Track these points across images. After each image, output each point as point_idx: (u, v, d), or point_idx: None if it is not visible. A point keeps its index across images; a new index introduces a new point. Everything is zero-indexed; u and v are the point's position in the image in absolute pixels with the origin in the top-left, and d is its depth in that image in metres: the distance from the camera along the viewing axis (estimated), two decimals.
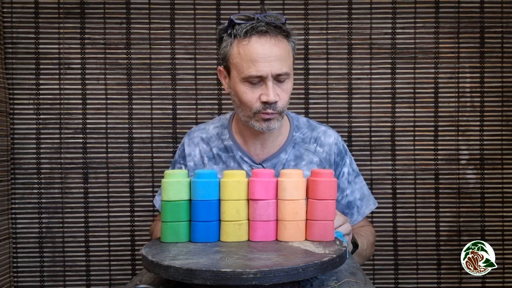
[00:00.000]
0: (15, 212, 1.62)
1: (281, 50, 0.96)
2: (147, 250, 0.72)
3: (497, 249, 1.61)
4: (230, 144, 1.09)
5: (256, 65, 0.94)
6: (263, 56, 0.94)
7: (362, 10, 1.64)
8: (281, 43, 0.97)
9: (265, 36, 0.95)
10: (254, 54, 0.94)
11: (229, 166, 1.09)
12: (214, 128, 1.13)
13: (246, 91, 0.97)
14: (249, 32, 0.95)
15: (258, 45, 0.95)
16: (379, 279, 1.65)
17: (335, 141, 1.11)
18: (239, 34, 0.96)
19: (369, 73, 1.64)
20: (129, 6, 1.62)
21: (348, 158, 1.12)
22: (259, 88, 0.97)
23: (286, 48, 0.98)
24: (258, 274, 0.60)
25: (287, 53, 0.98)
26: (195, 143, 1.12)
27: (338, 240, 0.78)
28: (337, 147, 1.11)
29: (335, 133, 1.13)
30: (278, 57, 0.95)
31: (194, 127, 1.18)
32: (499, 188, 1.65)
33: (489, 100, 1.65)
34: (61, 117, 1.63)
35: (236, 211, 0.77)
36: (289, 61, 0.99)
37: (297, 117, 1.14)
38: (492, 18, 1.63)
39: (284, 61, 0.96)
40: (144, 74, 1.63)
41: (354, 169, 1.14)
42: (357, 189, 1.12)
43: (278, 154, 1.08)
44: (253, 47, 0.95)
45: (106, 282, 1.64)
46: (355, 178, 1.13)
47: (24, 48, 1.61)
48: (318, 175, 0.78)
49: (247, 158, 1.08)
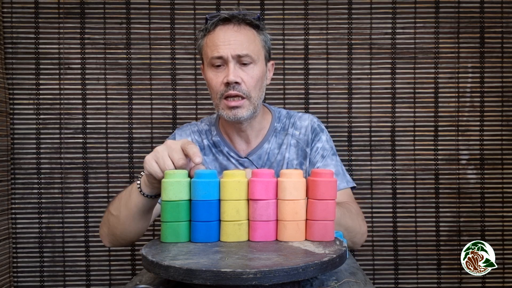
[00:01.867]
0: (15, 212, 1.62)
1: (242, 35, 1.03)
2: (147, 250, 0.72)
3: (497, 249, 1.62)
4: (218, 140, 1.15)
5: (217, 47, 1.02)
6: (223, 40, 1.02)
7: (362, 10, 1.64)
8: (245, 30, 1.04)
9: (228, 24, 1.04)
10: (216, 39, 1.03)
11: (218, 158, 1.14)
12: (204, 125, 1.20)
13: (212, 76, 1.04)
14: (215, 23, 1.04)
15: (221, 32, 1.03)
16: (379, 279, 1.66)
17: (311, 123, 1.16)
18: (208, 27, 1.05)
19: (369, 73, 1.64)
20: (129, 6, 1.62)
21: (324, 136, 1.16)
22: (223, 72, 1.03)
23: (251, 35, 1.05)
24: (258, 274, 0.60)
25: (251, 39, 1.04)
26: (187, 134, 1.19)
27: (338, 240, 0.78)
28: (312, 127, 1.16)
29: (311, 116, 1.18)
30: (239, 41, 1.02)
31: (185, 124, 1.23)
32: (499, 188, 1.65)
33: (489, 100, 1.65)
34: (61, 117, 1.63)
35: (236, 211, 0.77)
36: (253, 47, 1.04)
37: (279, 110, 1.20)
38: (492, 18, 1.63)
39: (246, 45, 1.02)
40: (144, 74, 1.64)
41: (331, 147, 1.16)
42: (332, 165, 1.13)
43: (262, 145, 1.13)
44: (216, 34, 1.03)
45: (106, 282, 1.64)
46: (331, 155, 1.14)
47: (24, 48, 1.61)
48: (318, 175, 0.77)
49: (233, 153, 1.13)
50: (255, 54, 1.04)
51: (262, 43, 1.08)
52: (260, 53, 1.07)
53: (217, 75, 1.04)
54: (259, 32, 1.07)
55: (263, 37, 1.08)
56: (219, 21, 1.04)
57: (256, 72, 1.04)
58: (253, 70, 1.04)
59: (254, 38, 1.05)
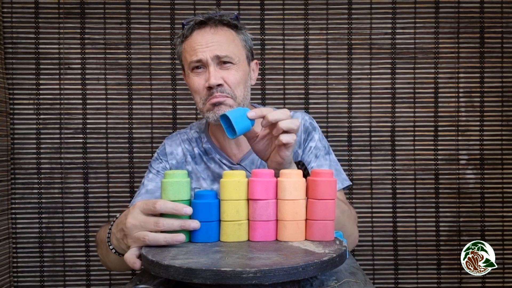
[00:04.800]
0: (15, 212, 1.62)
1: (220, 37, 1.01)
2: (147, 250, 0.72)
3: (497, 249, 1.61)
4: (209, 147, 1.12)
5: (196, 51, 1.00)
6: (201, 43, 1.00)
7: (362, 10, 1.64)
8: (222, 31, 1.02)
9: (204, 27, 1.02)
10: (194, 44, 1.01)
11: (210, 166, 1.11)
12: (194, 132, 1.17)
13: (193, 81, 1.02)
14: (191, 28, 1.03)
15: (198, 36, 1.02)
16: (379, 279, 1.65)
17: (303, 122, 1.13)
18: (185, 34, 1.04)
19: (369, 73, 1.64)
20: (129, 6, 1.62)
21: (317, 135, 1.12)
22: (204, 75, 1.01)
23: (230, 36, 1.03)
24: (258, 273, 0.60)
25: (230, 40, 1.02)
26: (177, 144, 1.15)
27: (338, 240, 0.78)
28: (304, 126, 1.12)
29: (303, 114, 1.15)
30: (217, 43, 1.00)
31: (174, 133, 1.21)
32: (499, 188, 1.65)
33: (489, 100, 1.65)
34: (61, 117, 1.63)
35: (236, 211, 0.77)
36: (232, 47, 1.02)
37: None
38: (492, 18, 1.63)
39: (225, 46, 1.00)
40: (144, 74, 1.64)
41: (325, 146, 1.12)
42: (326, 165, 1.10)
43: None
44: (193, 38, 1.02)
45: (106, 282, 1.64)
46: (325, 155, 1.11)
47: (24, 48, 1.61)
48: (318, 175, 0.77)
49: (225, 160, 1.10)
50: (235, 54, 1.02)
51: (242, 43, 1.05)
52: (241, 53, 1.04)
53: (198, 80, 1.01)
54: (238, 32, 1.05)
55: (243, 36, 1.06)
56: (195, 24, 1.02)
57: (238, 73, 1.02)
58: (235, 71, 1.01)
59: (233, 38, 1.03)
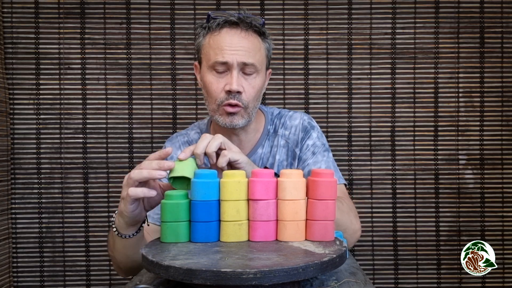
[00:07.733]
0: (15, 212, 1.62)
1: (250, 43, 0.98)
2: (147, 250, 0.72)
3: (497, 249, 1.61)
4: None
5: (222, 52, 0.96)
6: (230, 45, 0.97)
7: (362, 10, 1.64)
8: (251, 37, 0.99)
9: (236, 28, 0.98)
10: (222, 43, 0.97)
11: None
12: (195, 134, 1.15)
13: (212, 81, 0.99)
14: (220, 24, 0.98)
15: (227, 35, 0.98)
16: (379, 279, 1.66)
17: (301, 121, 1.12)
18: (212, 27, 0.99)
19: (369, 73, 1.64)
20: (129, 6, 1.62)
21: (315, 133, 1.11)
22: (225, 78, 0.99)
23: (257, 43, 1.01)
24: (258, 274, 0.60)
25: (257, 48, 1.00)
26: (177, 147, 1.14)
27: (338, 240, 0.78)
28: (303, 125, 1.11)
29: (302, 115, 1.13)
30: (246, 48, 0.97)
31: (174, 134, 1.19)
32: (499, 188, 1.65)
33: (489, 100, 1.65)
34: (61, 117, 1.63)
35: (236, 211, 0.77)
36: (258, 56, 1.00)
37: (271, 111, 1.16)
38: (492, 18, 1.63)
39: (252, 54, 0.98)
40: (144, 74, 1.64)
41: (323, 144, 1.11)
42: (323, 161, 1.08)
43: (256, 150, 1.09)
44: (222, 36, 0.98)
45: (106, 282, 1.64)
46: (322, 152, 1.10)
47: (24, 48, 1.61)
48: (318, 175, 0.77)
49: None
50: (259, 63, 1.00)
51: (266, 52, 1.04)
52: (263, 62, 1.03)
53: (218, 80, 0.99)
54: (263, 40, 1.03)
55: (267, 45, 1.04)
56: (226, 22, 0.98)
57: (257, 82, 1.01)
58: (255, 80, 1.00)
59: (260, 47, 1.01)
